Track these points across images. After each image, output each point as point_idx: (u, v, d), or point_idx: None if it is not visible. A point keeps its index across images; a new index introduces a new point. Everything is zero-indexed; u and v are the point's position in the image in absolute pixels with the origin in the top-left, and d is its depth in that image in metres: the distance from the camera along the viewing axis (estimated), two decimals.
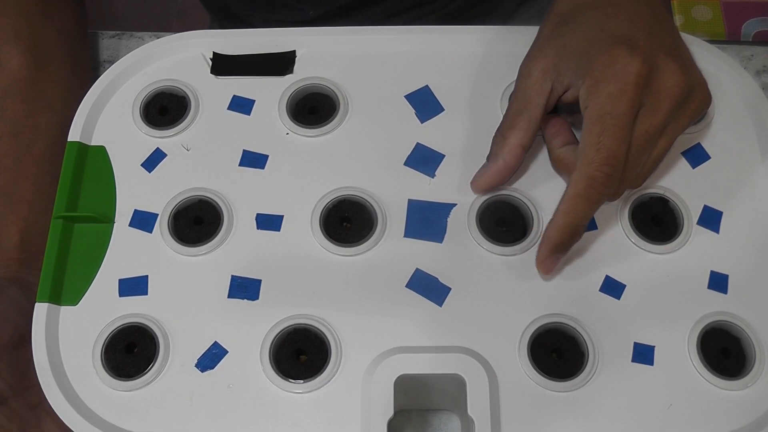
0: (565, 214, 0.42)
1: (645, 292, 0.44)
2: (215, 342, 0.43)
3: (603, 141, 0.40)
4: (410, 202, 0.46)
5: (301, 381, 0.42)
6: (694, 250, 0.45)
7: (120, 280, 0.45)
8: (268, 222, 0.46)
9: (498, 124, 0.45)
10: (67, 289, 0.45)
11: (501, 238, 0.45)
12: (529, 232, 0.45)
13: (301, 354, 0.43)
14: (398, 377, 0.41)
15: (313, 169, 0.47)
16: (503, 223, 0.46)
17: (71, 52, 0.56)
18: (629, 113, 0.41)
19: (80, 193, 0.47)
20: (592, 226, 0.45)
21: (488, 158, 0.46)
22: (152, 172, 0.48)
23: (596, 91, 0.41)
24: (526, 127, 0.44)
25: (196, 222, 0.46)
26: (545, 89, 0.44)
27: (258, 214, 0.46)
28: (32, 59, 0.53)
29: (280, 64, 0.51)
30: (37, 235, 0.49)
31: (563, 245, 0.43)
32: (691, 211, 0.46)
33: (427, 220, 0.46)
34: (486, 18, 0.71)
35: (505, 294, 0.44)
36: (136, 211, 0.47)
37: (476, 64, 0.50)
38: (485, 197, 0.46)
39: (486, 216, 0.46)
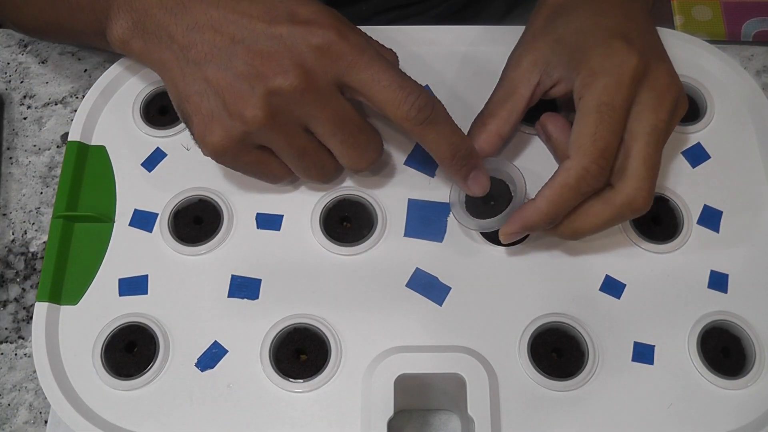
0: (550, 201, 0.41)
1: (645, 291, 0.44)
2: (215, 341, 0.43)
3: (599, 132, 0.40)
4: (410, 201, 0.46)
5: (301, 380, 0.42)
6: (694, 250, 0.45)
7: (120, 280, 0.45)
8: (268, 221, 0.46)
9: None
10: (67, 288, 0.45)
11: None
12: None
13: (301, 353, 0.43)
14: (398, 377, 0.41)
15: None
16: (490, 197, 0.44)
17: None
18: (624, 107, 0.41)
19: (80, 192, 0.47)
20: None
21: None
22: (152, 172, 0.48)
23: (593, 81, 0.41)
24: (507, 117, 0.44)
25: (196, 221, 0.46)
26: (532, 81, 0.44)
27: (258, 214, 0.46)
28: None
29: None
30: None
31: (536, 228, 0.42)
32: (691, 211, 0.46)
33: (427, 220, 0.46)
34: (473, 21, 0.70)
35: (505, 294, 0.44)
36: (136, 210, 0.47)
37: (476, 64, 0.50)
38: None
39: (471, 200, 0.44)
